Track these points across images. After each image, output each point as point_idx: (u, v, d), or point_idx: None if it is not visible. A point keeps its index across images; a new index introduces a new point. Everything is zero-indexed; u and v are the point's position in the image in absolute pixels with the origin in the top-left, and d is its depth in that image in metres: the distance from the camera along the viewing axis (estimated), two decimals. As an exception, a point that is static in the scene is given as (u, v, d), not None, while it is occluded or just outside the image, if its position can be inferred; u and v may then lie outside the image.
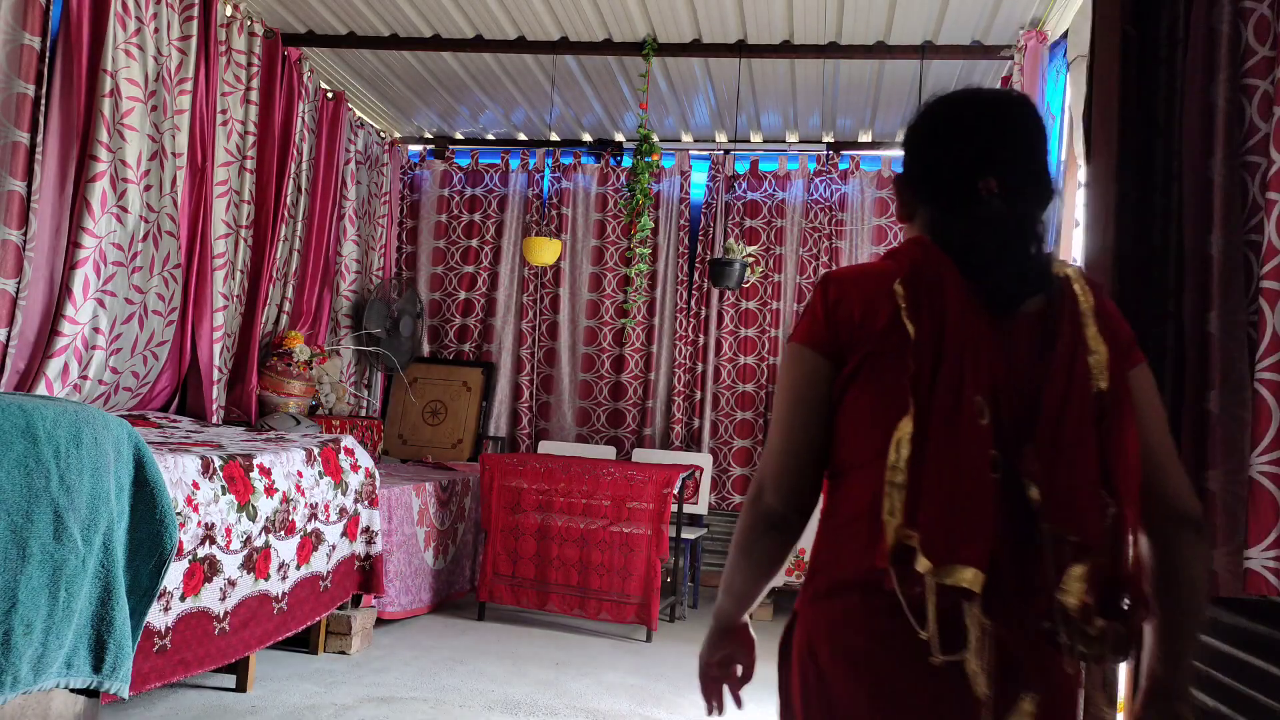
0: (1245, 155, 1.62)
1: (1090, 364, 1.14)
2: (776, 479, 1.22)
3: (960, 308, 1.13)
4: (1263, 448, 1.54)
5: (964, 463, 1.09)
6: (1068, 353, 1.14)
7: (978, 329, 1.13)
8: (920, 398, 1.10)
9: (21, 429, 1.98)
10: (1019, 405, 1.13)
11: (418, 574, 4.50)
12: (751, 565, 1.30)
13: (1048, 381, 1.13)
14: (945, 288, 1.14)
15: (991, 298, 1.16)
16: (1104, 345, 1.15)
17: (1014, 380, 1.14)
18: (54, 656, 2.07)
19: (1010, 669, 1.07)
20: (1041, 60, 3.95)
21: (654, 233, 6.02)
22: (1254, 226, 1.59)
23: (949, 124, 1.26)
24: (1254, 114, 1.60)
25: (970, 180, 1.19)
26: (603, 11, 4.41)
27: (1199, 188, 1.67)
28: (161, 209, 4.05)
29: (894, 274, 1.17)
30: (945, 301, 1.13)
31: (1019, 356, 1.15)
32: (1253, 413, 1.56)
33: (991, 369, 1.12)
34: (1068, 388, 1.12)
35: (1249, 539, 1.53)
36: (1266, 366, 1.54)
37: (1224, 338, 1.60)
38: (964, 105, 1.27)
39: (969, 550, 1.05)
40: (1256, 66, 1.60)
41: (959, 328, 1.12)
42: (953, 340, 1.12)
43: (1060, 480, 1.10)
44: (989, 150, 1.20)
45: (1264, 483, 1.53)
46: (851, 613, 1.14)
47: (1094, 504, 1.09)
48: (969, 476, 1.08)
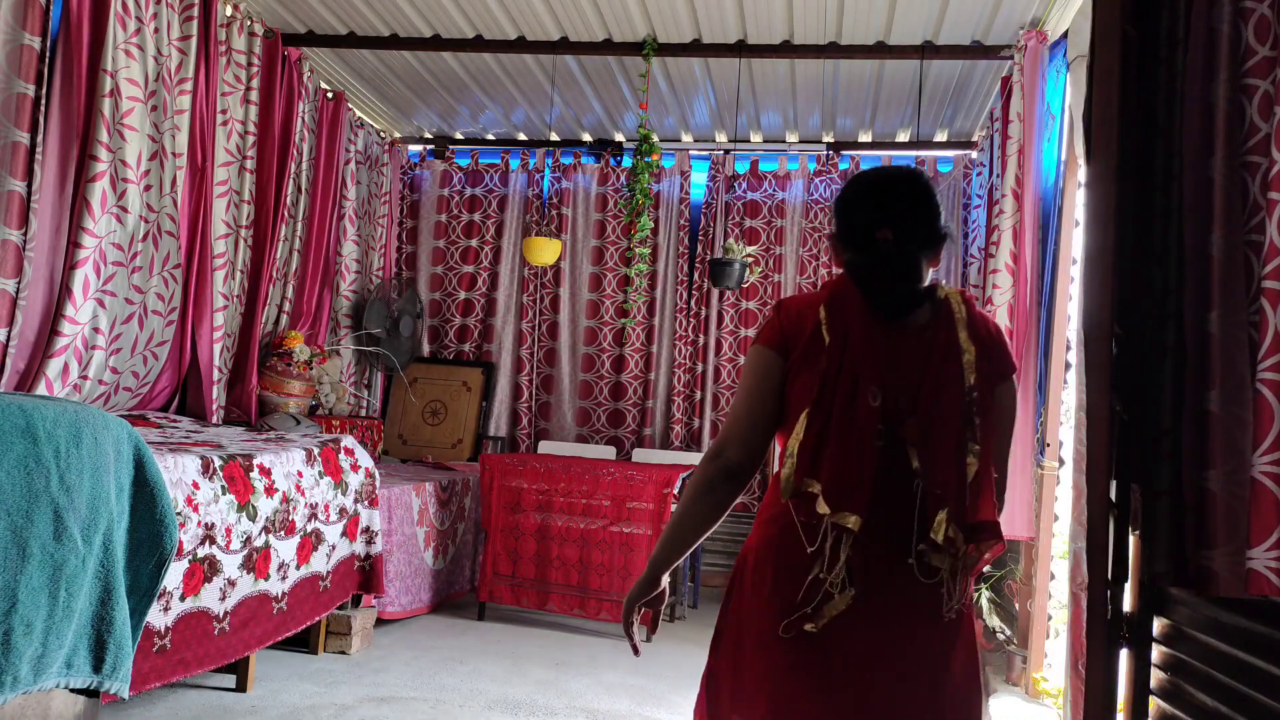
0: (1246, 155, 1.62)
1: (963, 362, 1.57)
2: (740, 438, 1.63)
3: (861, 321, 1.59)
4: (1264, 448, 1.54)
5: (856, 434, 1.53)
6: (943, 352, 1.58)
7: (874, 336, 1.58)
8: (826, 387, 1.55)
9: (21, 429, 1.98)
10: (903, 391, 1.56)
11: (418, 574, 4.50)
12: (702, 511, 1.66)
13: (928, 372, 1.56)
14: (850, 307, 1.61)
15: (884, 312, 1.60)
16: (973, 347, 1.58)
17: (901, 372, 1.57)
18: (54, 656, 2.06)
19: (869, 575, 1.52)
20: (1041, 60, 3.95)
21: (654, 233, 6.02)
22: (1255, 226, 1.59)
23: (859, 193, 1.70)
24: (1254, 114, 1.60)
25: (872, 231, 1.62)
26: (603, 11, 4.41)
27: (1199, 188, 1.66)
28: (161, 209, 4.05)
29: (820, 299, 1.64)
30: (850, 317, 1.59)
31: (906, 355, 1.59)
32: (1254, 413, 1.56)
33: (883, 364, 1.56)
34: (942, 377, 1.56)
35: (1250, 539, 1.53)
36: (1268, 367, 1.54)
37: (1225, 338, 1.60)
38: (870, 179, 1.71)
39: (855, 501, 1.50)
40: (1257, 66, 1.60)
41: (860, 336, 1.57)
42: (855, 344, 1.57)
43: (932, 448, 1.53)
44: (883, 210, 1.64)
45: (1265, 483, 1.53)
46: (774, 535, 1.61)
47: (954, 467, 1.52)
48: (858, 444, 1.52)
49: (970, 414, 1.55)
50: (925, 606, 1.54)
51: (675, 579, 4.98)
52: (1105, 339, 1.84)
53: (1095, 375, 1.84)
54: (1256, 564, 1.53)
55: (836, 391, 1.55)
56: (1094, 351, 1.84)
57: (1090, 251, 1.89)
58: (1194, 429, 1.63)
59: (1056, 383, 3.78)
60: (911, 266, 1.61)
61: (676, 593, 4.99)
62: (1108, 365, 1.83)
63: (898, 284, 1.61)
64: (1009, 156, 4.03)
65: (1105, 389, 1.82)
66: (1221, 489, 1.57)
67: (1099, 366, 1.84)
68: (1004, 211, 4.02)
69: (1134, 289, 1.84)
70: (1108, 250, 1.83)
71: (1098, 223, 1.86)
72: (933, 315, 1.63)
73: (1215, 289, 1.61)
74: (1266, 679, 1.54)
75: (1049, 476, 3.72)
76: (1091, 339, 1.85)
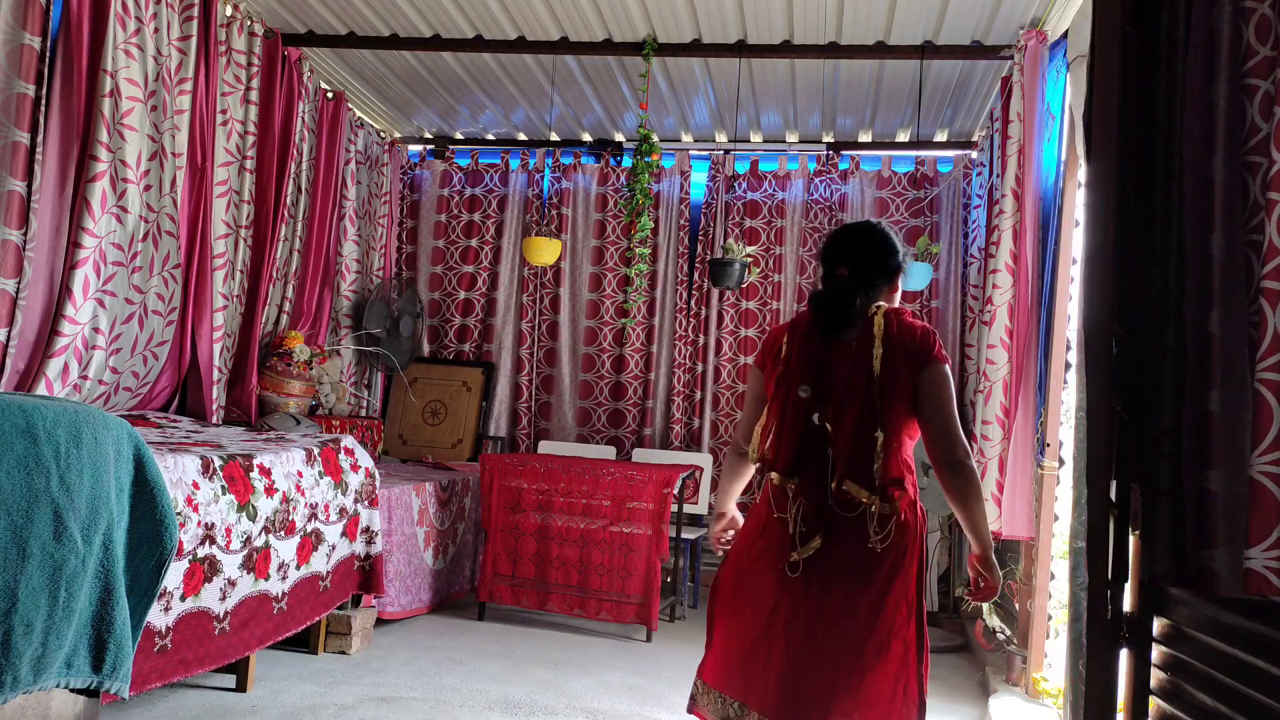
0: (1246, 155, 1.62)
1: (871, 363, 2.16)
2: (741, 430, 2.47)
3: (803, 337, 2.28)
4: (1263, 447, 1.54)
5: (790, 418, 2.24)
6: (856, 357, 2.19)
7: (812, 348, 2.25)
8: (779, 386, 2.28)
9: (21, 429, 1.98)
10: (830, 388, 2.20)
11: (417, 574, 4.50)
12: (727, 471, 2.56)
13: (842, 372, 2.19)
14: (800, 327, 2.30)
15: (820, 331, 2.26)
16: (882, 350, 2.16)
17: (829, 372, 2.21)
18: (54, 656, 2.06)
19: (809, 522, 2.19)
20: (1041, 60, 3.95)
21: (654, 233, 6.02)
22: (1255, 226, 1.59)
23: (829, 242, 2.36)
24: (1255, 114, 1.60)
25: (834, 269, 2.29)
26: (603, 11, 4.41)
27: (1199, 188, 1.66)
28: (161, 209, 4.05)
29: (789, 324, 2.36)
30: (798, 335, 2.29)
31: (834, 361, 2.22)
32: (1253, 413, 1.56)
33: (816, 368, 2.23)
34: (854, 376, 2.17)
35: (1249, 539, 1.53)
36: (1268, 367, 1.54)
37: (1225, 338, 1.59)
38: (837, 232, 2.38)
39: (785, 465, 2.24)
40: (1257, 66, 1.60)
41: (800, 348, 2.27)
42: (792, 355, 2.28)
43: (840, 426, 2.17)
44: (842, 253, 2.30)
45: (1265, 483, 1.53)
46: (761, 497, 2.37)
47: (854, 440, 2.16)
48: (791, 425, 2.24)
49: (873, 400, 2.15)
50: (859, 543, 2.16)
51: (676, 580, 4.99)
52: (1105, 339, 1.84)
53: (1095, 375, 1.84)
54: (1255, 564, 1.53)
55: (784, 389, 2.26)
56: (1094, 351, 1.84)
57: (1090, 251, 1.89)
58: (1194, 429, 1.63)
59: (1056, 383, 3.78)
60: (854, 295, 2.24)
61: (677, 593, 5.00)
62: (1108, 365, 1.84)
63: (832, 311, 2.25)
64: (1009, 156, 4.03)
65: (1105, 389, 1.82)
66: (1221, 489, 1.57)
67: (1099, 366, 1.84)
68: (1004, 211, 4.02)
69: (1134, 289, 1.84)
70: (1108, 250, 1.83)
71: (1098, 223, 1.86)
72: (859, 331, 2.22)
73: (1216, 289, 1.61)
74: (1266, 679, 1.54)
75: (1049, 476, 3.72)
76: (1091, 339, 1.85)
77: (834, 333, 2.23)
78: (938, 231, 5.72)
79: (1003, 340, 3.92)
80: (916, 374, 2.14)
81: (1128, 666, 1.89)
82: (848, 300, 2.22)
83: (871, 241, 2.29)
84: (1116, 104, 1.84)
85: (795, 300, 5.92)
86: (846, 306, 2.22)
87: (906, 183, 5.85)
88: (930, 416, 2.15)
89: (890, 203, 5.86)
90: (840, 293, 2.24)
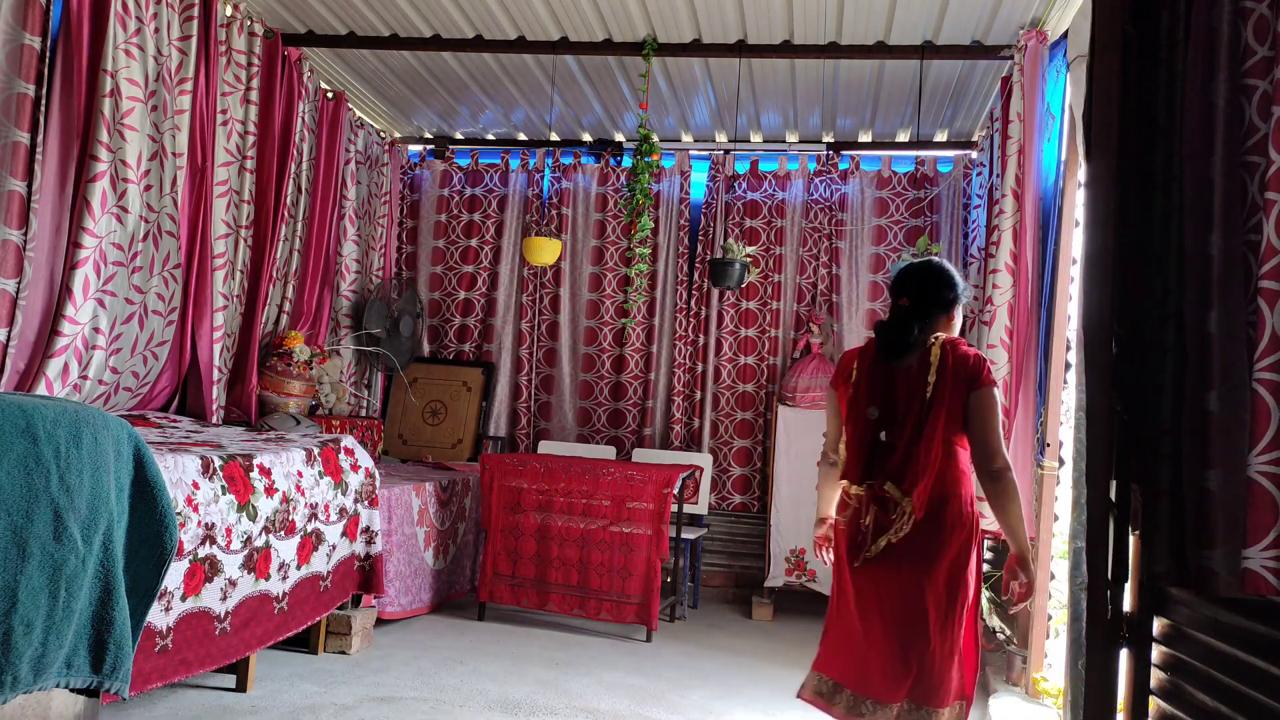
0: (1245, 155, 1.61)
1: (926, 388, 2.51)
2: (830, 443, 2.79)
3: (870, 363, 2.63)
4: (1261, 447, 1.54)
5: (859, 435, 2.60)
6: (914, 382, 2.54)
7: (876, 373, 2.61)
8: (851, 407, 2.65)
9: (21, 429, 1.98)
10: (892, 407, 2.57)
11: (418, 574, 4.50)
12: (824, 482, 2.83)
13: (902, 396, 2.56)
14: (868, 354, 2.66)
15: (883, 358, 2.60)
16: (935, 378, 2.50)
17: (892, 396, 2.58)
18: (54, 656, 2.07)
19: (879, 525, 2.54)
20: (1041, 60, 3.95)
21: (654, 233, 6.02)
22: (1253, 226, 1.59)
23: (895, 277, 2.71)
24: (1253, 114, 1.60)
25: (898, 300, 2.63)
26: (603, 11, 4.41)
27: (1199, 188, 1.66)
28: (162, 209, 4.05)
29: (859, 351, 2.72)
30: (865, 361, 2.65)
31: (896, 385, 2.58)
32: (1251, 413, 1.56)
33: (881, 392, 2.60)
34: (910, 397, 2.54)
35: (1247, 539, 1.53)
36: (1265, 366, 1.54)
37: (1224, 338, 1.60)
38: (902, 269, 2.72)
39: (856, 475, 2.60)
40: (1255, 66, 1.60)
41: (866, 372, 2.63)
42: (861, 379, 2.63)
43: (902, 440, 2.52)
44: (904, 286, 2.64)
45: (1262, 482, 1.53)
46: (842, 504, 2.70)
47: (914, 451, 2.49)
48: (860, 442, 2.60)
49: (929, 419, 2.49)
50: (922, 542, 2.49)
51: (676, 580, 4.99)
52: (1105, 339, 1.84)
53: (1095, 375, 1.84)
54: (1253, 563, 1.53)
55: (855, 410, 2.63)
56: (1094, 351, 1.85)
57: (1090, 251, 1.89)
58: (1194, 429, 1.63)
59: (1056, 383, 3.78)
60: (913, 324, 2.56)
61: (677, 593, 5.00)
62: (1108, 365, 1.84)
63: (891, 338, 2.57)
64: (1009, 156, 4.03)
65: (1105, 389, 1.82)
66: (1219, 488, 1.58)
67: (1099, 366, 1.84)
68: (1004, 211, 4.02)
69: (1134, 289, 1.84)
70: (1108, 250, 1.83)
71: (1098, 223, 1.86)
72: (918, 358, 2.56)
73: (1215, 289, 1.61)
74: (1266, 679, 1.54)
75: (1049, 476, 3.72)
76: (1091, 339, 1.85)
77: (895, 358, 2.56)
78: (938, 231, 5.72)
79: (1003, 340, 3.92)
80: (966, 396, 2.48)
81: (1128, 666, 1.89)
82: (905, 328, 2.55)
83: (928, 276, 2.63)
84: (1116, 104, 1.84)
85: (795, 300, 5.92)
86: (904, 334, 2.55)
87: (906, 183, 5.85)
88: (976, 432, 2.49)
89: (890, 203, 5.86)
90: (899, 322, 2.57)
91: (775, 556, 5.36)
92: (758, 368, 5.91)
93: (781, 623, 5.15)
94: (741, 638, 4.72)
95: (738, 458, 5.88)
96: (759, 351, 5.91)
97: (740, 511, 5.87)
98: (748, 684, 3.89)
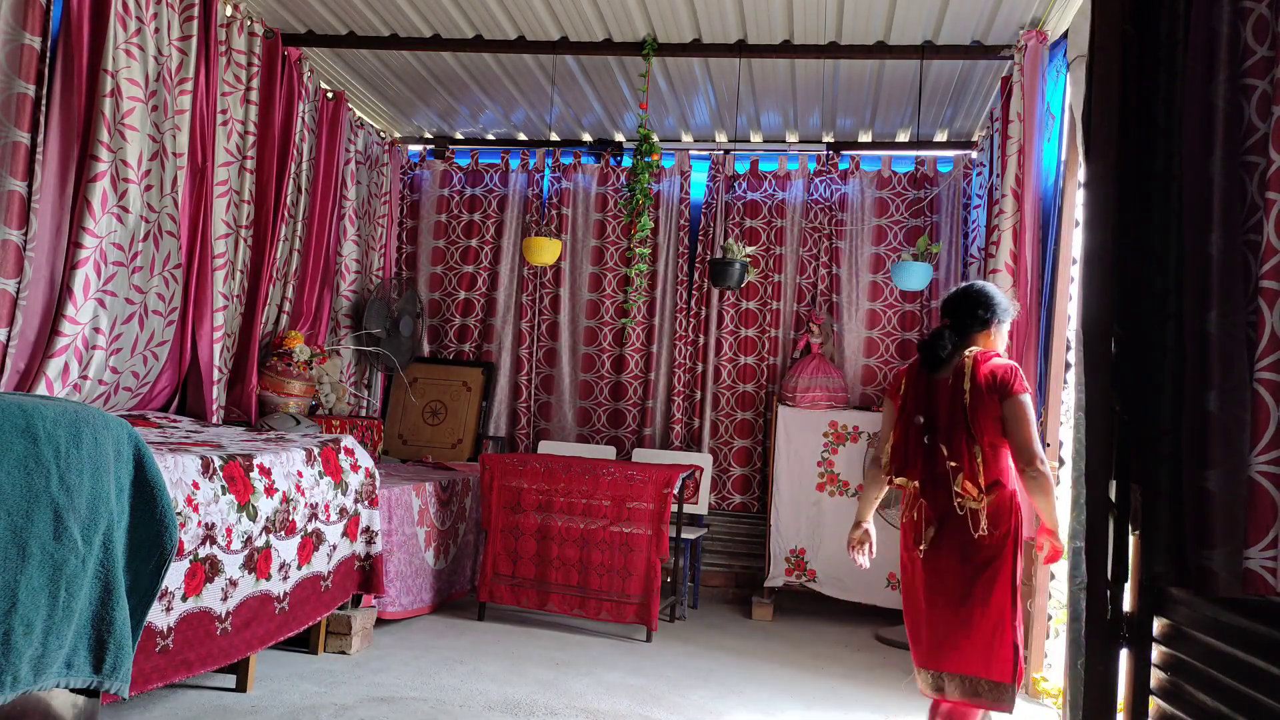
0: (1244, 155, 1.61)
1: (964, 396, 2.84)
2: (879, 448, 3.08)
3: (914, 375, 3.01)
4: (1261, 447, 1.54)
5: (910, 439, 2.95)
6: (953, 391, 2.88)
7: (920, 384, 2.97)
8: (900, 414, 3.01)
9: (21, 429, 1.98)
10: (935, 414, 2.91)
11: (418, 574, 4.50)
12: (869, 483, 3.16)
13: (944, 403, 2.89)
14: (914, 368, 3.02)
15: (925, 369, 2.97)
16: (970, 384, 2.83)
17: (934, 404, 2.92)
18: (54, 656, 2.07)
19: (928, 516, 2.89)
20: (1041, 60, 3.95)
21: (654, 233, 6.02)
22: (1253, 226, 1.59)
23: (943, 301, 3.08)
24: (1253, 114, 1.60)
25: (943, 320, 3.00)
26: (603, 11, 4.41)
27: (1199, 188, 1.66)
28: (162, 209, 4.05)
29: (910, 364, 3.05)
30: (912, 373, 3.02)
31: (937, 394, 2.92)
32: (1251, 413, 1.56)
33: (925, 400, 2.94)
34: (951, 406, 2.87)
35: (1248, 539, 1.53)
36: (1265, 366, 1.54)
37: (1224, 338, 1.59)
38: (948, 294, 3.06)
39: (910, 474, 2.95)
40: (1255, 66, 1.60)
41: (912, 384, 3.00)
42: (909, 389, 3.00)
43: (951, 444, 2.85)
44: (946, 308, 3.03)
45: (1262, 482, 1.53)
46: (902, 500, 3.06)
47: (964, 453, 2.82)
48: (912, 445, 2.94)
49: (967, 424, 2.82)
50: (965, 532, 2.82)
51: (676, 580, 4.99)
52: (1105, 339, 1.84)
53: (1095, 375, 1.84)
54: (1253, 564, 1.53)
55: (905, 417, 2.98)
56: (1094, 351, 1.85)
57: (1090, 251, 1.89)
58: (1194, 429, 1.63)
59: (1056, 383, 3.78)
60: (949, 341, 2.92)
61: (677, 593, 5.00)
62: (1108, 365, 1.84)
63: (927, 352, 2.95)
64: (1009, 156, 4.03)
65: (1105, 389, 1.82)
66: (1219, 488, 1.57)
67: (1099, 366, 1.84)
68: (1004, 211, 4.02)
69: (1133, 289, 1.84)
70: (1107, 250, 1.83)
71: (1097, 222, 1.86)
72: (954, 370, 2.89)
73: (1215, 289, 1.61)
74: (1266, 679, 1.54)
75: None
76: (1091, 339, 1.85)
77: (932, 370, 2.93)
78: (937, 231, 5.72)
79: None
80: (1000, 403, 2.79)
81: (1128, 666, 1.89)
82: (939, 345, 2.91)
83: (965, 299, 2.97)
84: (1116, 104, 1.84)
85: (795, 300, 5.92)
86: (937, 349, 2.91)
87: (906, 183, 5.85)
88: (1012, 436, 2.79)
89: (890, 203, 5.86)
90: (934, 338, 2.94)
91: (775, 556, 5.36)
92: (758, 368, 5.91)
93: (781, 623, 5.15)
94: (741, 638, 4.72)
95: (738, 458, 5.88)
96: (759, 351, 5.91)
97: (740, 511, 5.87)
98: (748, 684, 3.89)
